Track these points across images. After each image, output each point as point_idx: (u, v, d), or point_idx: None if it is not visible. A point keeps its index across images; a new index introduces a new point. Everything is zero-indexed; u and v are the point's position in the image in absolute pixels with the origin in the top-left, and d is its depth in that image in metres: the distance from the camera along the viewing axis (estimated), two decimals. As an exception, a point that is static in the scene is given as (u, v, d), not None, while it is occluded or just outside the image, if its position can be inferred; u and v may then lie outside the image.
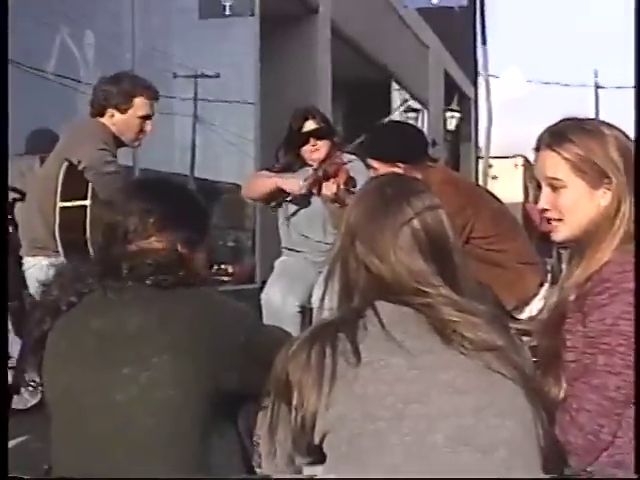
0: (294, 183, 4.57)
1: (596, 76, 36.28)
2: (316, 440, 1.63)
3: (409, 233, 1.74)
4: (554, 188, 2.11)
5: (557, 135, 2.12)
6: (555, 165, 2.10)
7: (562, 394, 1.99)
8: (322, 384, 1.61)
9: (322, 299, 1.82)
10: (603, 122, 2.19)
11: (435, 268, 1.74)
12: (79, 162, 3.87)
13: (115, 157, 4.03)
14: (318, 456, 1.65)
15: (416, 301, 1.69)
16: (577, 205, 2.10)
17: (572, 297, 2.06)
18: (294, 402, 1.63)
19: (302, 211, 4.73)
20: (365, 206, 1.79)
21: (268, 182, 4.68)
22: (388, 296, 1.71)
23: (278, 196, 4.68)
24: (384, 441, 1.58)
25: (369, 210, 1.78)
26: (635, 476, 1.90)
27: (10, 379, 3.67)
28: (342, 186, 4.47)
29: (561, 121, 2.16)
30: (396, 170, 3.81)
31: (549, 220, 2.15)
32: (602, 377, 1.95)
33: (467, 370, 1.63)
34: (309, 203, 4.69)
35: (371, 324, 1.66)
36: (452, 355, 1.64)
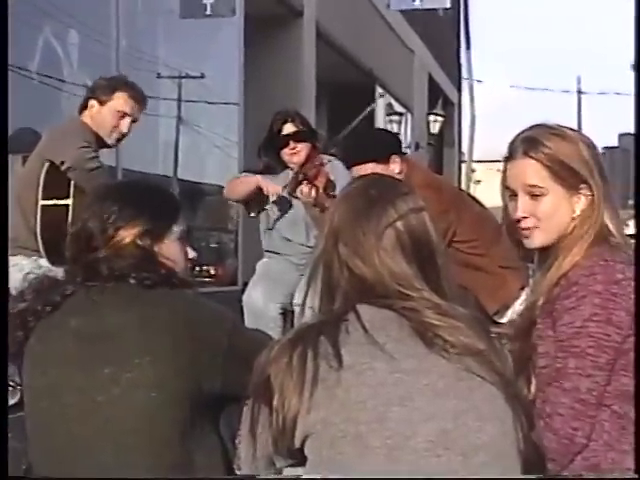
0: (275, 187, 4.57)
1: (579, 82, 36.64)
2: (297, 443, 1.62)
3: (393, 235, 1.73)
4: (532, 196, 2.11)
5: (532, 142, 2.12)
6: (535, 172, 2.10)
7: (530, 398, 2.00)
8: (303, 387, 1.61)
9: (304, 300, 1.82)
10: (569, 128, 2.20)
11: (418, 271, 1.73)
12: (62, 163, 3.87)
13: (97, 154, 4.02)
14: (299, 459, 1.65)
15: (398, 304, 1.69)
16: (556, 212, 2.11)
17: (541, 302, 2.07)
18: (275, 405, 1.63)
19: (285, 215, 4.73)
20: (349, 207, 1.79)
21: (249, 181, 4.68)
22: (370, 299, 1.70)
23: (258, 197, 4.67)
24: (365, 444, 1.58)
25: (353, 211, 1.77)
26: (635, 476, 1.91)
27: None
28: (321, 190, 4.47)
29: (530, 128, 2.16)
30: (372, 169, 3.80)
31: (524, 228, 2.14)
32: (573, 380, 1.96)
33: (448, 374, 1.63)
34: (290, 206, 4.69)
35: (353, 327, 1.66)
36: (434, 359, 1.63)
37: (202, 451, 1.99)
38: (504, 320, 3.72)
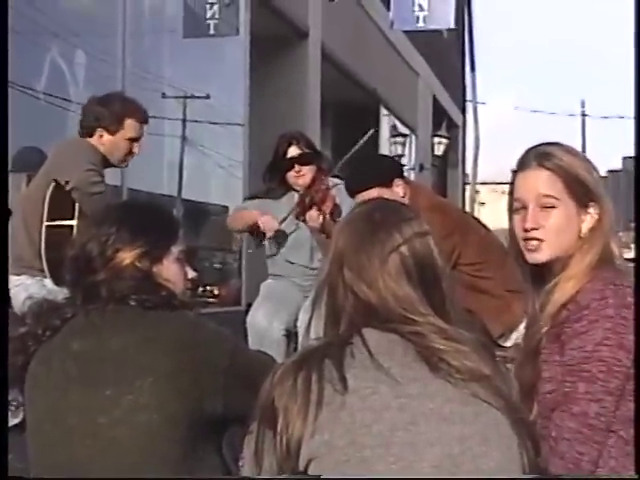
0: (272, 223, 4.57)
1: (583, 106, 36.61)
2: (301, 466, 1.62)
3: (397, 260, 1.73)
4: (544, 208, 2.10)
5: (546, 154, 2.11)
6: (549, 182, 2.09)
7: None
8: (308, 410, 1.60)
9: (308, 324, 1.82)
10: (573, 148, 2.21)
11: (423, 295, 1.73)
12: (67, 183, 3.88)
13: (102, 177, 4.03)
14: (302, 482, 1.64)
15: (403, 329, 1.68)
16: (566, 226, 2.10)
17: (546, 327, 2.05)
18: (279, 428, 1.62)
19: (289, 238, 4.72)
20: (353, 231, 1.78)
21: (248, 216, 4.70)
22: (375, 323, 1.70)
23: (257, 231, 4.68)
24: (370, 469, 1.57)
25: (357, 236, 1.76)
26: (635, 476, 1.90)
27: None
28: (328, 216, 4.47)
29: (540, 145, 2.16)
30: (376, 195, 3.80)
31: (529, 240, 2.12)
32: (582, 405, 1.95)
33: (453, 399, 1.62)
34: (286, 237, 4.68)
35: (358, 351, 1.65)
36: (439, 384, 1.63)
37: (204, 472, 1.98)
38: (509, 343, 3.71)
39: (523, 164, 2.14)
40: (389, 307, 1.70)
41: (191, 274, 2.25)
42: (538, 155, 2.12)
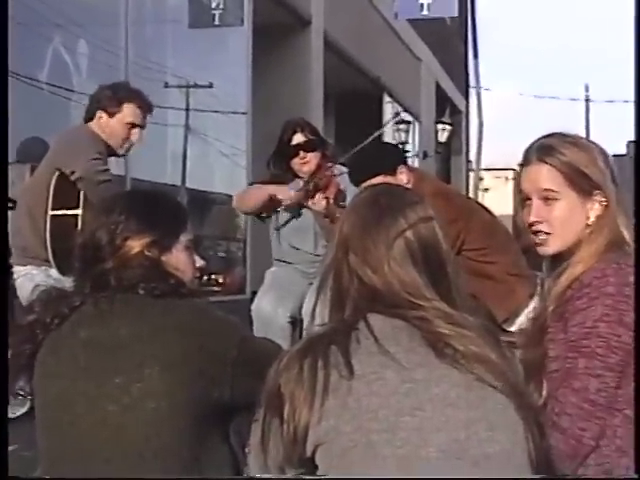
0: (286, 191, 4.58)
1: (587, 90, 36.42)
2: (308, 453, 1.62)
3: (402, 245, 1.74)
4: (546, 201, 2.14)
5: (547, 148, 2.15)
6: (549, 177, 2.13)
7: (541, 402, 2.00)
8: (314, 397, 1.61)
9: (314, 310, 1.82)
10: (583, 137, 2.23)
11: (428, 280, 1.73)
12: (72, 173, 3.87)
13: (107, 165, 4.02)
14: (310, 468, 1.65)
15: (409, 314, 1.68)
16: (570, 217, 2.13)
17: (552, 307, 2.08)
18: (286, 415, 1.63)
19: (292, 222, 4.73)
20: (358, 217, 1.79)
21: (261, 192, 4.68)
22: (381, 308, 1.70)
23: (270, 206, 4.68)
24: (376, 454, 1.57)
25: (362, 221, 1.77)
26: (635, 476, 1.91)
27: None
28: (332, 201, 4.47)
29: (545, 136, 2.20)
30: (380, 181, 3.80)
31: (536, 233, 2.16)
32: (583, 380, 1.97)
33: (459, 384, 1.63)
34: (299, 214, 4.69)
35: (364, 337, 1.66)
36: (445, 368, 1.63)
37: (212, 460, 1.99)
38: (513, 328, 3.72)
39: (526, 159, 2.18)
40: (394, 292, 1.71)
41: (199, 262, 2.26)
42: (539, 149, 2.16)
